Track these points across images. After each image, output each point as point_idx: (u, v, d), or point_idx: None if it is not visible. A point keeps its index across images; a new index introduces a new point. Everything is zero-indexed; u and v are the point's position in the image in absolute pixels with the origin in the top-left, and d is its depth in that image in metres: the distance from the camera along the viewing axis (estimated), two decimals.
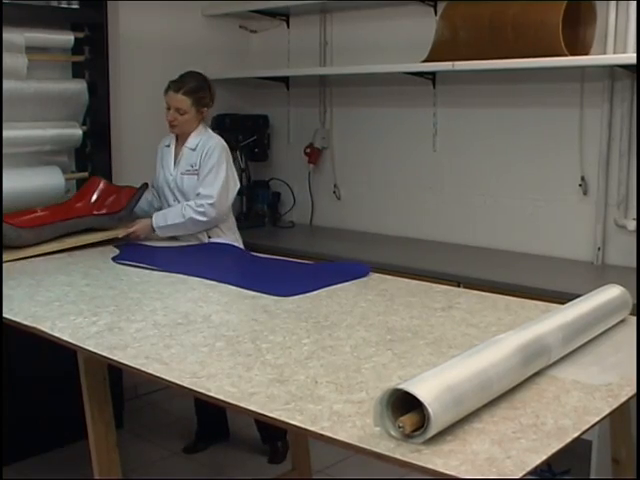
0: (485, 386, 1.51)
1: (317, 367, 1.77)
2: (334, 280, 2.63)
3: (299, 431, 1.48)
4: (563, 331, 1.83)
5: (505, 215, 3.85)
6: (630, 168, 3.44)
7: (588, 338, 1.96)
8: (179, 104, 3.43)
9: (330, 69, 4.42)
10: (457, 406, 1.42)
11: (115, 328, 2.09)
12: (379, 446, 1.36)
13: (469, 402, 1.46)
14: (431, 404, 1.35)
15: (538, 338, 1.73)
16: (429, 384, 1.41)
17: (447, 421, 1.40)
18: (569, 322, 1.88)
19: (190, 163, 3.48)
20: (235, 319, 2.19)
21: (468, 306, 2.35)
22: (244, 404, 1.56)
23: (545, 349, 1.74)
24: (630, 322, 2.18)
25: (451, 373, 1.47)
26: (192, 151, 3.49)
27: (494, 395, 1.54)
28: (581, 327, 1.92)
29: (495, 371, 1.54)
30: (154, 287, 2.57)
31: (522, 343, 1.67)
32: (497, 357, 1.58)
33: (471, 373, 1.49)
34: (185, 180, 3.48)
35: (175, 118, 3.46)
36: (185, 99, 3.43)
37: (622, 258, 3.48)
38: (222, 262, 3.01)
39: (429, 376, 1.45)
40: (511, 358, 1.61)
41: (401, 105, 4.16)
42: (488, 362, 1.55)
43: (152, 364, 1.80)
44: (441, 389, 1.40)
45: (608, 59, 3.32)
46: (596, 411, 1.54)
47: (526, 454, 1.33)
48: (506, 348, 1.63)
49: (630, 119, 3.41)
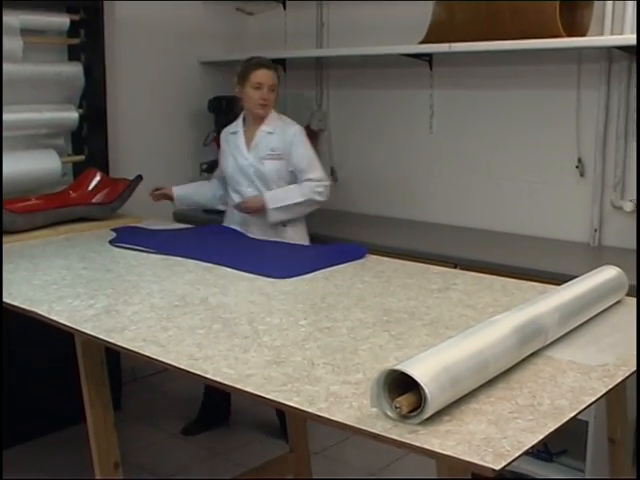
0: (481, 367, 1.51)
1: (314, 349, 1.78)
2: (331, 262, 2.63)
3: (296, 412, 1.48)
4: (559, 312, 1.83)
5: (502, 196, 3.85)
6: (627, 150, 3.44)
7: (584, 319, 1.96)
8: (272, 80, 3.37)
9: (327, 51, 4.40)
10: (453, 387, 1.42)
11: (112, 311, 2.09)
12: (376, 427, 1.36)
13: (465, 383, 1.46)
14: (427, 385, 1.35)
15: (534, 319, 1.74)
16: (425, 365, 1.41)
17: (443, 402, 1.40)
18: (565, 303, 1.89)
19: (270, 147, 3.41)
20: (232, 301, 2.19)
21: (465, 287, 2.36)
22: (241, 386, 1.56)
23: (541, 330, 1.74)
24: (626, 303, 2.19)
25: (447, 354, 1.48)
26: (270, 135, 3.42)
27: (490, 376, 1.55)
28: (577, 308, 1.93)
29: (491, 352, 1.55)
30: (151, 270, 2.57)
31: (518, 324, 1.68)
32: (493, 338, 1.59)
33: (467, 354, 1.49)
34: (267, 165, 3.41)
35: (269, 97, 3.37)
36: (274, 75, 3.40)
37: (619, 239, 3.49)
38: (219, 244, 3.01)
39: (425, 357, 1.45)
40: (507, 339, 1.61)
41: (398, 87, 4.15)
42: (484, 343, 1.55)
43: (149, 346, 1.81)
44: (437, 370, 1.40)
45: (605, 40, 3.31)
46: (592, 391, 1.55)
47: (522, 434, 1.34)
48: (502, 329, 1.63)
49: (627, 101, 3.40)
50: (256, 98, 3.35)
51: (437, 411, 1.38)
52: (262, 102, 3.36)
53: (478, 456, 1.26)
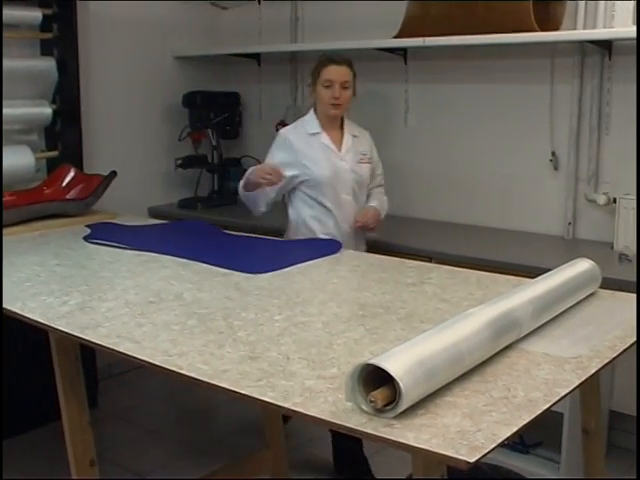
0: (456, 360, 1.52)
1: (289, 343, 1.77)
2: (306, 257, 2.63)
3: (271, 407, 1.48)
4: (533, 305, 1.84)
5: (476, 190, 3.87)
6: (600, 143, 3.47)
7: (558, 311, 1.98)
8: (345, 76, 3.09)
9: (301, 45, 4.39)
10: (428, 380, 1.43)
11: (86, 307, 2.08)
12: (351, 421, 1.36)
13: (440, 376, 1.46)
14: (402, 378, 1.35)
15: (508, 312, 1.75)
16: (400, 359, 1.41)
17: (418, 395, 1.40)
18: (539, 296, 1.90)
19: (361, 151, 3.24)
20: (207, 297, 2.18)
21: (440, 281, 2.36)
22: (216, 381, 1.56)
23: (515, 323, 1.75)
24: (600, 295, 2.21)
25: (422, 347, 1.48)
26: (356, 138, 3.26)
27: (465, 369, 1.55)
28: (551, 301, 1.94)
29: (466, 345, 1.55)
30: (126, 266, 2.56)
31: (492, 317, 1.68)
32: (468, 331, 1.59)
33: (442, 347, 1.50)
34: (363, 169, 3.25)
35: (341, 95, 3.09)
36: (349, 71, 3.11)
37: (592, 232, 3.52)
38: (194, 240, 3.00)
39: (400, 351, 1.45)
40: (482, 332, 1.62)
41: (373, 81, 4.15)
42: (459, 336, 1.56)
43: (124, 343, 1.80)
44: (412, 363, 1.40)
45: (578, 35, 3.32)
46: (566, 383, 1.55)
47: (497, 426, 1.34)
48: (477, 322, 1.64)
49: (600, 95, 3.43)
50: (327, 97, 3.10)
51: (412, 405, 1.39)
52: (334, 101, 3.10)
53: (453, 449, 1.26)
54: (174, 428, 3.80)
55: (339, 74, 3.07)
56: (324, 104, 3.13)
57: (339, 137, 3.22)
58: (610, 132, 3.44)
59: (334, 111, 3.14)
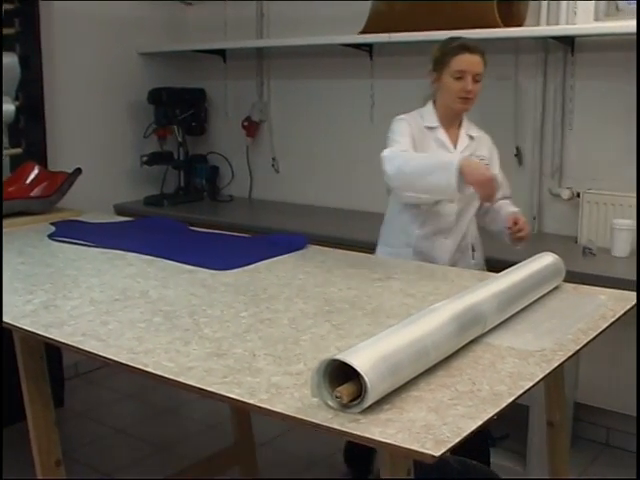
0: (421, 354, 1.52)
1: (255, 340, 1.77)
2: (272, 252, 2.62)
3: (237, 404, 1.48)
4: (498, 299, 1.86)
5: None
6: (563, 138, 3.50)
7: (523, 305, 2.00)
8: (479, 67, 2.71)
9: (267, 41, 4.39)
10: (393, 375, 1.43)
11: (51, 306, 2.06)
12: (317, 417, 1.37)
13: (405, 370, 1.47)
14: (367, 373, 1.36)
15: (473, 306, 1.76)
16: (365, 354, 1.42)
17: (384, 390, 1.41)
18: (504, 290, 1.92)
19: (478, 155, 2.83)
20: (173, 294, 2.17)
21: (406, 276, 2.37)
22: (182, 379, 1.55)
23: (480, 317, 1.77)
24: (564, 289, 2.23)
25: (387, 343, 1.48)
26: (473, 140, 2.87)
27: (430, 363, 1.56)
28: (516, 294, 1.96)
29: (431, 339, 1.56)
30: (91, 264, 2.54)
31: (457, 311, 1.70)
32: (433, 326, 1.60)
33: (406, 342, 1.50)
34: None
35: (474, 89, 2.73)
36: (481, 62, 2.73)
37: (557, 226, 3.55)
38: (160, 237, 2.98)
39: (365, 346, 1.46)
40: (446, 326, 1.63)
41: (339, 77, 4.16)
42: (423, 331, 1.57)
43: (89, 341, 1.78)
44: (377, 358, 1.41)
45: (541, 31, 3.36)
46: (530, 376, 1.57)
47: (462, 420, 1.35)
48: (441, 317, 1.65)
49: (563, 90, 3.46)
50: (457, 90, 2.73)
51: (378, 400, 1.39)
52: (464, 95, 2.73)
53: (418, 443, 1.26)
54: (141, 427, 3.79)
55: (473, 65, 2.71)
56: (451, 97, 2.76)
57: (455, 136, 2.86)
58: (573, 127, 3.48)
59: (462, 105, 2.77)
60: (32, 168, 3.48)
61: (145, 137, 4.48)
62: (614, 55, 3.30)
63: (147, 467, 3.35)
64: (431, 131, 2.82)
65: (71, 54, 4.15)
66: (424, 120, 2.84)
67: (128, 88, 4.48)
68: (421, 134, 2.80)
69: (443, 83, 2.76)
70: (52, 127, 3.97)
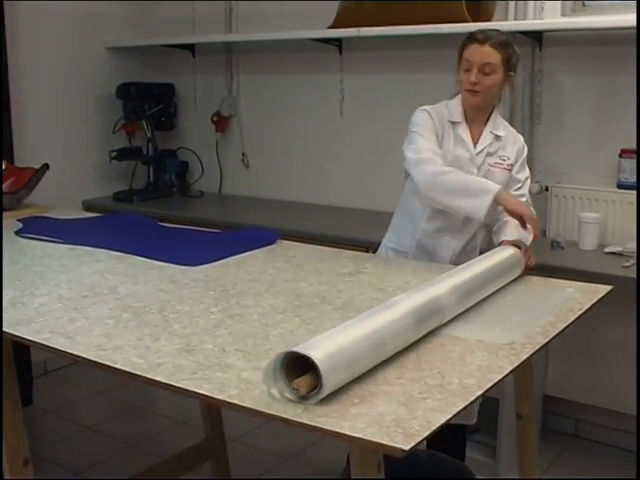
0: (378, 346, 1.55)
1: (225, 335, 1.77)
2: (242, 248, 2.62)
3: (207, 400, 1.47)
4: (456, 291, 1.90)
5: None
6: (532, 133, 3.52)
7: (482, 296, 2.04)
8: (486, 58, 2.56)
9: (236, 36, 4.37)
10: (350, 366, 1.46)
11: (18, 303, 2.04)
12: (286, 412, 1.37)
13: (362, 362, 1.50)
14: (323, 364, 1.38)
15: (432, 299, 1.80)
16: (322, 346, 1.44)
17: (341, 381, 1.43)
18: (463, 282, 1.97)
19: (501, 155, 2.69)
20: (142, 290, 2.16)
21: (376, 271, 2.38)
22: (151, 375, 1.54)
23: (439, 308, 1.80)
24: (531, 282, 2.25)
25: (344, 335, 1.51)
26: (498, 139, 2.70)
27: (388, 354, 1.59)
28: (474, 286, 2.01)
29: (388, 331, 1.59)
30: (59, 260, 2.51)
31: (415, 304, 1.73)
32: (390, 318, 1.64)
33: (363, 334, 1.54)
34: (497, 175, 2.66)
35: (479, 80, 2.58)
36: (494, 52, 2.57)
37: None
38: (129, 233, 2.96)
39: (322, 339, 1.48)
40: (404, 318, 1.66)
41: (308, 72, 4.15)
42: (381, 323, 1.60)
43: (56, 338, 1.77)
44: (333, 350, 1.43)
45: (509, 25, 3.36)
46: (499, 369, 1.58)
47: (432, 414, 1.36)
48: (399, 309, 1.68)
49: (531, 84, 3.48)
50: (464, 82, 2.62)
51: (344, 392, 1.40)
52: (469, 87, 2.61)
53: (388, 437, 1.27)
54: (111, 424, 3.76)
55: (479, 55, 2.57)
56: (462, 90, 2.67)
57: (478, 133, 2.71)
58: (542, 121, 3.50)
59: (471, 99, 2.64)
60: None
61: (114, 132, 4.44)
62: (581, 50, 3.33)
63: (117, 465, 3.34)
64: (453, 126, 2.71)
65: (37, 49, 4.10)
66: (449, 114, 2.72)
67: (96, 83, 4.44)
68: (442, 128, 2.70)
69: (458, 76, 2.69)
70: (19, 122, 3.93)
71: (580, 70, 3.35)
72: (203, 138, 4.64)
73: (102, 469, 3.29)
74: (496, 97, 2.70)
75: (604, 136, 3.33)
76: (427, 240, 2.77)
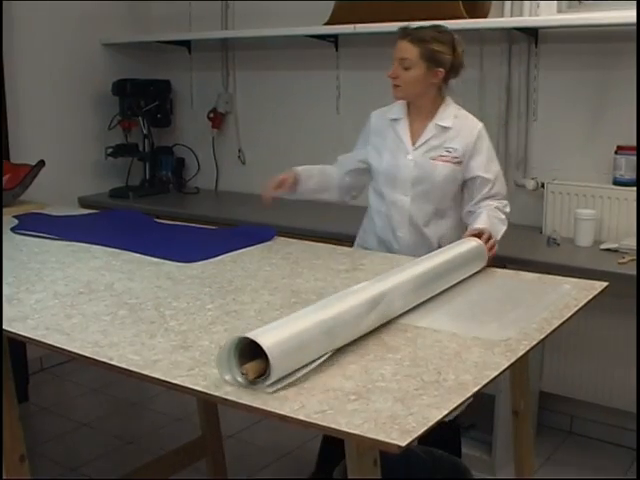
0: (329, 333, 1.59)
1: (221, 332, 1.77)
2: (239, 244, 2.62)
3: (204, 397, 1.47)
4: (414, 281, 1.97)
5: None
6: (528, 129, 3.52)
7: (443, 287, 2.10)
8: (403, 53, 2.61)
9: (232, 32, 4.37)
10: (300, 351, 1.51)
11: (14, 300, 2.03)
12: (283, 408, 1.37)
13: (312, 348, 1.55)
14: (271, 349, 1.43)
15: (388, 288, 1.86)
16: (271, 333, 1.50)
17: (289, 367, 1.48)
18: (421, 272, 2.03)
19: (446, 147, 2.69)
20: (138, 286, 2.15)
21: (372, 267, 2.38)
22: (147, 372, 1.54)
23: (394, 298, 1.85)
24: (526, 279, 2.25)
25: (294, 322, 1.57)
26: (446, 130, 2.70)
27: (341, 342, 1.64)
28: (433, 277, 2.07)
29: (339, 319, 1.64)
30: (55, 257, 2.51)
31: (370, 294, 1.79)
32: (344, 307, 1.69)
33: (314, 322, 1.59)
34: (439, 168, 2.68)
35: (397, 74, 2.64)
36: (411, 48, 2.60)
37: (522, 217, 3.56)
38: (125, 230, 2.96)
39: (274, 326, 1.54)
40: (358, 307, 1.71)
41: (304, 68, 4.15)
42: (332, 312, 1.65)
43: (52, 335, 1.76)
44: (283, 337, 1.49)
45: (505, 22, 3.38)
46: (495, 366, 1.58)
47: (428, 410, 1.36)
48: (355, 299, 1.74)
49: (527, 81, 3.48)
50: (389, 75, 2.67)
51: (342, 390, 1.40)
52: (391, 78, 2.66)
53: (384, 433, 1.27)
54: (107, 420, 3.76)
55: (398, 50, 2.64)
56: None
57: (422, 127, 2.73)
58: (538, 118, 3.50)
59: (394, 92, 2.69)
60: None
61: (110, 129, 4.43)
62: (577, 47, 3.33)
63: (113, 461, 3.34)
64: (395, 123, 2.78)
65: (33, 45, 4.09)
66: (390, 112, 2.81)
67: (92, 79, 4.43)
68: (384, 126, 2.80)
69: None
70: (14, 119, 3.93)
71: (576, 67, 3.35)
72: (199, 135, 4.63)
73: (98, 466, 3.29)
74: (424, 87, 2.67)
75: (600, 133, 3.34)
76: (384, 236, 2.82)
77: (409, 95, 2.70)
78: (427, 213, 2.75)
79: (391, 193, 2.76)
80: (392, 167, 2.74)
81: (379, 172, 2.78)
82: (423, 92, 2.68)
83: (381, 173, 2.77)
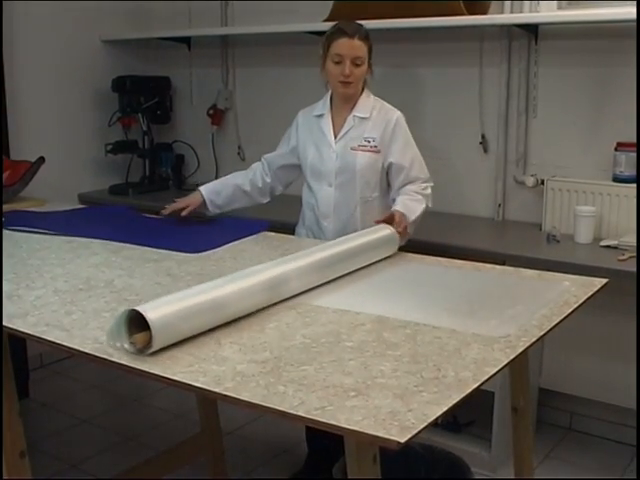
0: (215, 308, 1.75)
1: (221, 328, 1.77)
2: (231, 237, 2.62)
3: (203, 393, 1.48)
4: (312, 264, 2.10)
5: None
6: (527, 126, 3.52)
7: (347, 270, 2.23)
8: (357, 51, 2.71)
9: (232, 29, 4.36)
10: (184, 323, 1.66)
11: (14, 296, 2.04)
12: (283, 404, 1.37)
13: (196, 321, 1.70)
14: (154, 321, 1.58)
15: (285, 271, 2.00)
16: (158, 307, 1.64)
17: (174, 337, 1.64)
18: (323, 256, 2.17)
19: (365, 137, 2.81)
20: (138, 283, 2.16)
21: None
22: (146, 368, 1.54)
23: (286, 279, 1.98)
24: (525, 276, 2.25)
25: (181, 298, 1.72)
26: (364, 121, 2.82)
27: (229, 317, 1.79)
28: (336, 259, 2.20)
29: (228, 296, 1.80)
30: (55, 253, 2.51)
31: (267, 275, 1.94)
32: (233, 285, 1.84)
33: (202, 298, 1.74)
34: (359, 158, 2.80)
35: (352, 72, 2.72)
36: (362, 45, 2.73)
37: (521, 214, 3.57)
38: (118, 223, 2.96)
39: (162, 301, 1.69)
40: (250, 287, 1.87)
41: (304, 65, 4.13)
42: (221, 289, 1.81)
43: (53, 331, 1.77)
44: (168, 310, 1.64)
45: (505, 18, 3.37)
46: (495, 362, 1.58)
47: (427, 406, 1.36)
48: (249, 279, 1.89)
49: (527, 78, 3.48)
50: (336, 74, 2.74)
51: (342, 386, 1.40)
52: (342, 79, 2.74)
53: (384, 430, 1.27)
54: (107, 416, 3.77)
55: (351, 49, 2.71)
56: (333, 82, 2.80)
57: (343, 120, 2.86)
58: (537, 115, 3.50)
59: (343, 90, 2.78)
60: None
61: (109, 125, 4.43)
62: (577, 43, 3.33)
63: (113, 457, 3.34)
64: (319, 119, 2.91)
65: (33, 41, 4.09)
66: (314, 109, 2.95)
67: (92, 76, 4.42)
68: (310, 122, 2.94)
69: (326, 68, 2.80)
70: (14, 115, 3.92)
71: (576, 63, 3.34)
72: (199, 131, 4.63)
73: (98, 461, 3.30)
74: (363, 81, 2.85)
75: (600, 129, 3.33)
76: (313, 227, 2.94)
77: (357, 90, 2.84)
78: (352, 202, 2.85)
79: (317, 185, 2.89)
80: (317, 160, 2.87)
81: (306, 166, 2.91)
82: (361, 86, 2.85)
83: (308, 167, 2.91)
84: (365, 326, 1.79)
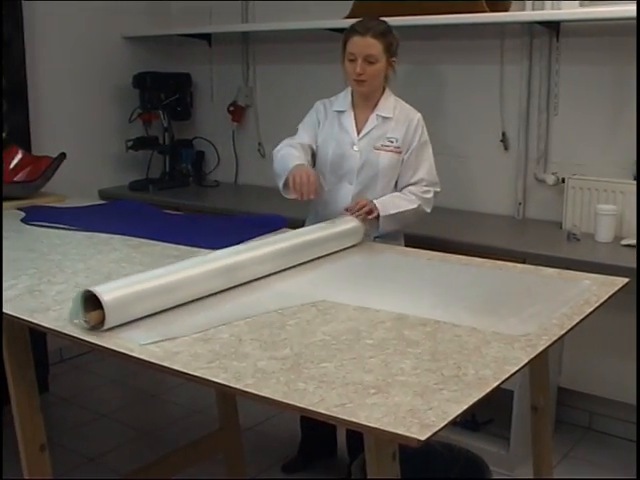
0: (168, 290, 1.86)
1: (241, 325, 1.77)
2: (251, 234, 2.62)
3: (223, 389, 1.48)
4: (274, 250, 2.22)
5: None
6: (549, 124, 3.50)
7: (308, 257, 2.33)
8: (369, 49, 2.70)
9: (252, 26, 4.37)
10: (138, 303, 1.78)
11: (35, 291, 2.05)
12: (303, 401, 1.37)
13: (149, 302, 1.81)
14: (107, 302, 1.69)
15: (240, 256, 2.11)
16: (112, 287, 1.76)
17: (126, 316, 1.74)
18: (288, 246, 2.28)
19: (388, 137, 2.80)
20: None
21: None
22: (168, 363, 1.55)
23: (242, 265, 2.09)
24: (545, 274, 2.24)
25: (137, 281, 1.84)
26: (387, 121, 2.82)
27: (183, 299, 1.89)
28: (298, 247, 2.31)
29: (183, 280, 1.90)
30: (75, 249, 2.52)
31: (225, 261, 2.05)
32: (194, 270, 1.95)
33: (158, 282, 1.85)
34: (382, 157, 2.79)
35: (364, 70, 2.72)
36: (376, 43, 2.71)
37: (542, 212, 3.56)
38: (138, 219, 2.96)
39: (117, 283, 1.81)
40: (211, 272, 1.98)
41: (324, 62, 4.13)
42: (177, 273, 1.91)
43: (73, 326, 1.77)
44: (122, 292, 1.75)
45: (527, 16, 3.36)
46: (515, 361, 1.57)
47: (447, 404, 1.36)
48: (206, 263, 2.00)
49: (548, 75, 3.46)
50: (350, 72, 2.75)
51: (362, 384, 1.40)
52: (356, 77, 2.74)
53: (404, 427, 1.27)
54: (126, 411, 3.79)
55: (363, 47, 2.71)
56: (349, 80, 2.80)
57: (365, 118, 2.85)
58: (559, 112, 3.48)
59: (358, 88, 2.79)
60: (16, 152, 3.45)
61: (130, 122, 4.45)
62: (598, 40, 3.31)
63: (131, 452, 3.36)
64: (339, 115, 2.87)
65: (55, 38, 4.11)
66: (336, 104, 2.91)
67: (113, 72, 4.45)
68: (330, 117, 2.89)
69: (344, 66, 2.80)
70: (36, 111, 3.95)
71: (597, 61, 3.32)
72: (219, 128, 4.64)
73: (116, 456, 3.31)
74: (382, 79, 2.82)
75: (621, 127, 3.31)
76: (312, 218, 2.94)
77: (373, 87, 2.80)
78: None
79: (336, 181, 2.84)
80: (338, 157, 2.82)
81: (326, 162, 2.85)
82: (380, 84, 2.83)
83: (328, 163, 2.84)
84: (385, 324, 1.78)
